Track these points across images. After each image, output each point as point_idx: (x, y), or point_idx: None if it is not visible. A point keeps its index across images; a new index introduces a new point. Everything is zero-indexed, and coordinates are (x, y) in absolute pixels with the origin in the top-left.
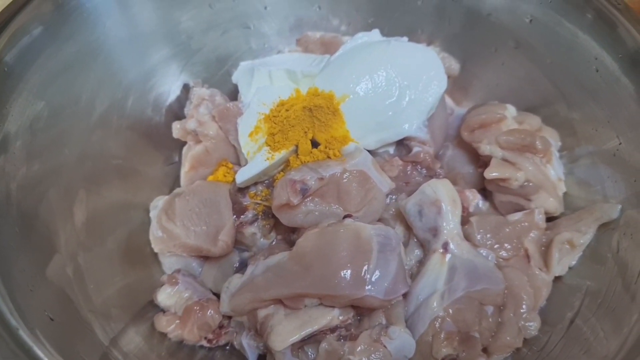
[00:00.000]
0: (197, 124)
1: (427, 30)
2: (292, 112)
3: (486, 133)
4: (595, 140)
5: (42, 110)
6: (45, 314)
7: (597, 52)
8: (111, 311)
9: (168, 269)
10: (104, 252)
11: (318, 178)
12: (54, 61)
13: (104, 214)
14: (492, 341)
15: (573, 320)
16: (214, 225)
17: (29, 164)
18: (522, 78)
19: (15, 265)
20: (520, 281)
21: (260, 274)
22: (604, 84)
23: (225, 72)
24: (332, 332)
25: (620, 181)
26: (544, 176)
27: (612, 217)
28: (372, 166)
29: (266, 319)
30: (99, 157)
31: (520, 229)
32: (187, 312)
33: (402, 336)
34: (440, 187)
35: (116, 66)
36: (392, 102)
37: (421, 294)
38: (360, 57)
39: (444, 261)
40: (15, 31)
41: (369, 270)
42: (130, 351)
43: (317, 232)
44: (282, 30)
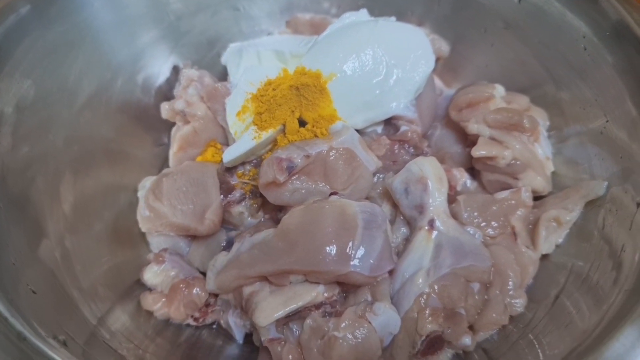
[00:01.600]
0: (186, 105)
1: (417, 12)
2: (279, 91)
3: (474, 112)
4: (583, 120)
5: (29, 89)
6: (28, 287)
7: (585, 30)
8: (98, 290)
9: (156, 248)
10: (91, 234)
11: (304, 156)
12: (42, 41)
13: (92, 196)
14: (478, 318)
15: (558, 297)
16: (201, 204)
17: (15, 145)
18: (512, 59)
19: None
20: (507, 259)
21: (245, 251)
22: (591, 62)
23: (216, 54)
24: (317, 308)
25: (607, 159)
26: (531, 154)
27: (598, 194)
28: (358, 144)
29: (251, 295)
30: (87, 138)
31: (507, 207)
32: (174, 290)
33: (387, 312)
34: (427, 164)
35: (105, 47)
36: (379, 80)
37: (407, 270)
38: (348, 36)
39: (430, 238)
40: (2, 9)
41: (353, 246)
42: (117, 330)
43: (302, 208)
44: (272, 13)
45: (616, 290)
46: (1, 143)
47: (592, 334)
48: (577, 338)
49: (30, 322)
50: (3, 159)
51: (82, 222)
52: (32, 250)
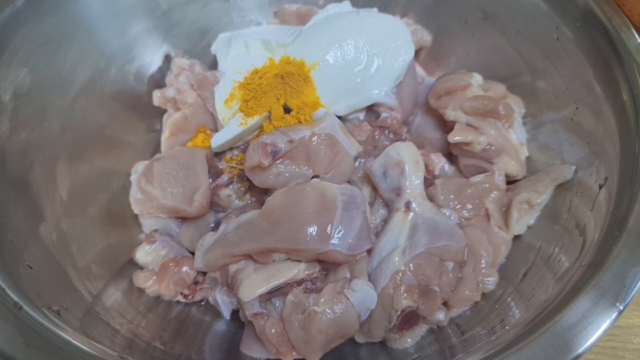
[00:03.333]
0: (177, 92)
1: (400, 3)
2: (265, 80)
3: (452, 99)
4: (556, 107)
5: (25, 77)
6: (25, 263)
7: (557, 21)
8: (93, 269)
9: (147, 229)
10: (86, 216)
11: (288, 141)
12: (37, 31)
13: (87, 180)
14: (452, 295)
15: (526, 274)
16: (190, 187)
17: (12, 131)
18: (491, 48)
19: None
20: (480, 239)
21: (231, 231)
22: (563, 52)
23: (207, 44)
24: (298, 285)
25: (576, 144)
26: (505, 140)
27: (567, 178)
28: (340, 130)
29: (237, 273)
30: (81, 125)
31: (481, 189)
32: (164, 268)
33: (364, 288)
34: (404, 149)
35: (98, 37)
36: (360, 69)
37: (384, 249)
38: (330, 26)
39: (406, 219)
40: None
41: (333, 226)
42: (111, 306)
43: (285, 191)
44: (261, 4)
45: (576, 265)
46: (0, 129)
47: (552, 304)
48: (538, 308)
49: (26, 293)
50: (2, 144)
51: (78, 205)
52: (29, 229)
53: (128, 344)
